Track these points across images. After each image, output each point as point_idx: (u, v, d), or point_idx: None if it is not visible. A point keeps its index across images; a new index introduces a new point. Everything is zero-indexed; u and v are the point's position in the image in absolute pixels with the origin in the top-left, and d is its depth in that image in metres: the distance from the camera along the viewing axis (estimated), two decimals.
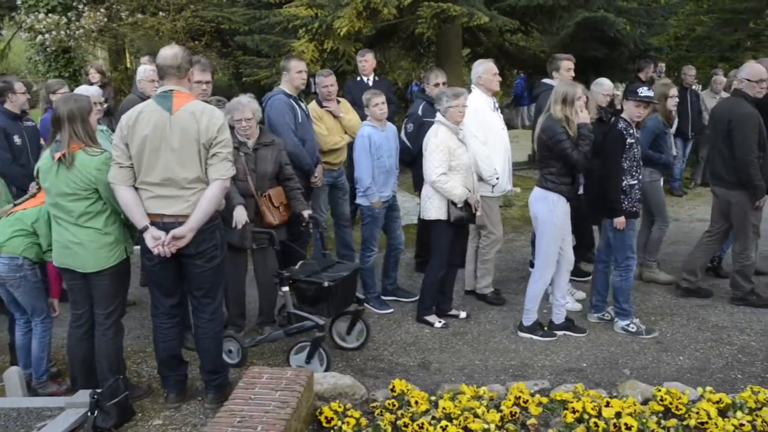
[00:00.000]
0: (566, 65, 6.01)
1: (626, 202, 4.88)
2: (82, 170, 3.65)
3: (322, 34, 8.75)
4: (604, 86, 5.97)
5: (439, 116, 5.10)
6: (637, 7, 12.15)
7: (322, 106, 6.05)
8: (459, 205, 5.02)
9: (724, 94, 10.03)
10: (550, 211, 4.80)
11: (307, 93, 6.15)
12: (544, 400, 3.65)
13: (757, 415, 3.46)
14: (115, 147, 3.66)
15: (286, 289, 4.49)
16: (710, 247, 5.80)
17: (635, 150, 4.89)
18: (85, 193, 3.67)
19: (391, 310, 5.56)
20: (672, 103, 6.04)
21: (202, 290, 3.83)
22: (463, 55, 12.90)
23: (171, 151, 3.61)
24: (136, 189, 3.66)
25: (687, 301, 5.70)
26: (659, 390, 3.69)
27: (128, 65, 14.78)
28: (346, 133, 6.10)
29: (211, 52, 12.62)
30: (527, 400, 3.60)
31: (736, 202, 5.42)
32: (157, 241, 3.61)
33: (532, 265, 6.49)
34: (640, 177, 4.98)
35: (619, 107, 6.21)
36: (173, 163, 3.61)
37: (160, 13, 12.19)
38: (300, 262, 4.76)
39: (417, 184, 6.06)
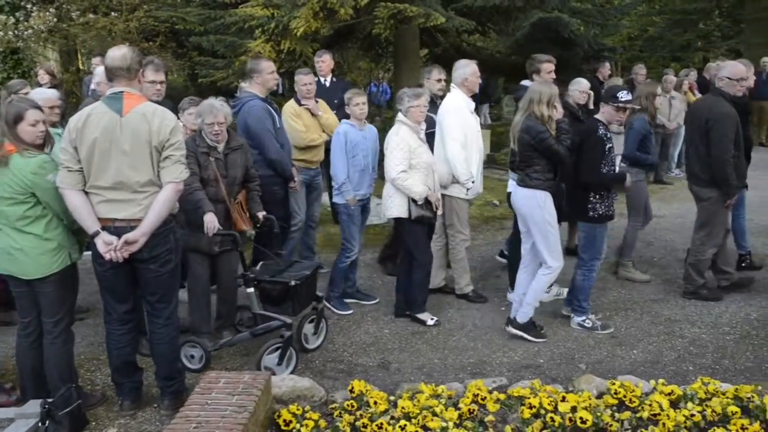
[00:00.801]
0: (547, 67, 5.99)
1: (603, 206, 4.94)
2: (17, 173, 3.54)
3: (278, 35, 8.72)
4: (582, 84, 6.13)
5: (400, 116, 5.14)
6: (590, 8, 12.37)
7: (300, 104, 6.03)
8: (419, 203, 5.05)
9: (675, 94, 10.31)
10: (540, 208, 4.81)
11: (274, 94, 6.13)
12: (502, 396, 3.68)
13: (707, 406, 3.54)
14: (64, 150, 3.57)
15: (251, 290, 4.46)
16: (722, 244, 5.84)
17: (613, 155, 4.96)
18: (22, 197, 3.56)
19: (351, 311, 5.55)
20: (658, 102, 6.19)
21: (156, 295, 3.77)
22: (421, 56, 12.98)
23: (122, 154, 3.54)
24: (86, 193, 3.58)
25: (640, 296, 5.83)
26: (613, 384, 3.76)
27: (80, 66, 14.47)
28: (323, 131, 6.09)
29: (166, 53, 12.46)
30: (485, 398, 3.63)
31: (707, 198, 5.50)
32: (108, 246, 3.53)
33: (501, 255, 6.53)
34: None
35: (592, 107, 6.33)
36: (124, 166, 3.54)
37: (113, 13, 12.00)
38: (260, 263, 4.75)
39: None
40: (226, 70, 9.46)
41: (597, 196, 4.92)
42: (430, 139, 5.58)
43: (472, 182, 5.49)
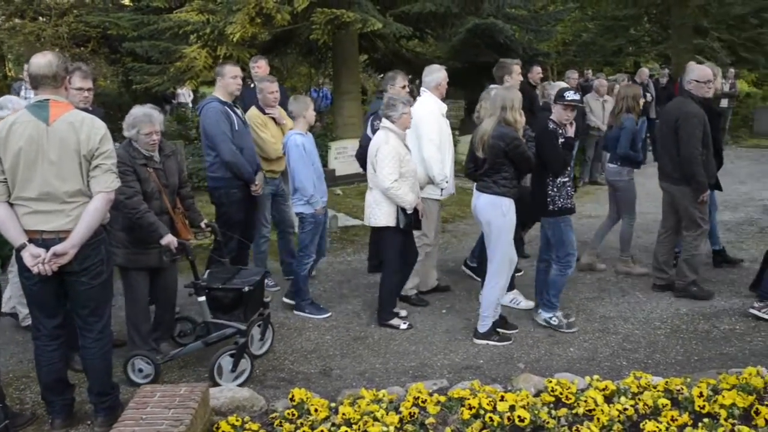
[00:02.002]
0: (517, 69, 6.16)
1: (561, 200, 5.04)
2: None
3: (214, 40, 8.61)
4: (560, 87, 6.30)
5: (387, 123, 5.08)
6: (525, 14, 12.66)
7: (264, 113, 5.95)
8: (409, 211, 5.07)
9: (607, 97, 10.62)
10: (504, 215, 4.86)
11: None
12: (442, 398, 3.71)
13: (639, 399, 3.65)
14: None
15: (202, 298, 4.38)
16: (668, 242, 6.02)
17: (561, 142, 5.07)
18: None
19: (329, 314, 5.57)
20: (642, 102, 6.48)
21: (88, 308, 3.65)
22: (360, 61, 13.03)
23: (49, 164, 3.42)
24: (11, 205, 3.45)
25: (576, 295, 5.97)
26: (550, 381, 3.84)
27: (8, 73, 13.96)
28: None
29: (99, 59, 12.14)
30: (426, 400, 3.65)
31: (681, 196, 5.68)
32: (36, 259, 3.41)
33: (467, 266, 6.59)
34: (571, 174, 5.19)
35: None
36: (51, 176, 3.43)
37: (41, 18, 11.60)
38: (207, 272, 4.67)
39: None
40: (161, 76, 9.28)
41: (555, 189, 5.02)
42: None
43: (446, 183, 5.59)
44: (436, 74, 5.72)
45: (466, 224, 8.57)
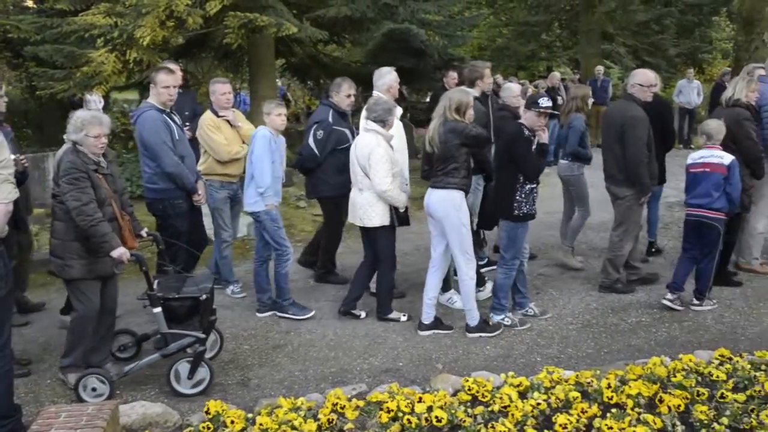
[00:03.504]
0: (488, 73, 6.29)
1: (527, 206, 5.11)
2: None
3: (123, 44, 8.31)
4: (513, 90, 6.55)
5: (374, 125, 5.15)
6: (439, 19, 12.87)
7: (218, 116, 5.80)
8: (402, 210, 5.19)
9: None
10: (456, 210, 4.97)
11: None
12: (361, 403, 3.71)
13: (551, 393, 3.77)
14: None
15: (158, 309, 4.21)
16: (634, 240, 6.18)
17: (534, 148, 5.17)
18: None
19: (313, 313, 5.53)
20: (590, 103, 6.83)
21: None
22: (277, 66, 12.91)
23: None
24: None
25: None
26: (467, 380, 3.91)
27: None
28: (243, 143, 5.88)
29: (0, 63, 11.53)
30: (344, 406, 3.64)
31: (623, 197, 5.83)
32: None
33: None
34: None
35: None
36: None
37: None
38: (156, 282, 4.45)
39: (313, 191, 6.08)
40: (66, 81, 8.86)
41: (523, 195, 5.10)
42: (343, 153, 5.67)
43: (406, 185, 5.63)
44: (387, 77, 5.77)
45: None
